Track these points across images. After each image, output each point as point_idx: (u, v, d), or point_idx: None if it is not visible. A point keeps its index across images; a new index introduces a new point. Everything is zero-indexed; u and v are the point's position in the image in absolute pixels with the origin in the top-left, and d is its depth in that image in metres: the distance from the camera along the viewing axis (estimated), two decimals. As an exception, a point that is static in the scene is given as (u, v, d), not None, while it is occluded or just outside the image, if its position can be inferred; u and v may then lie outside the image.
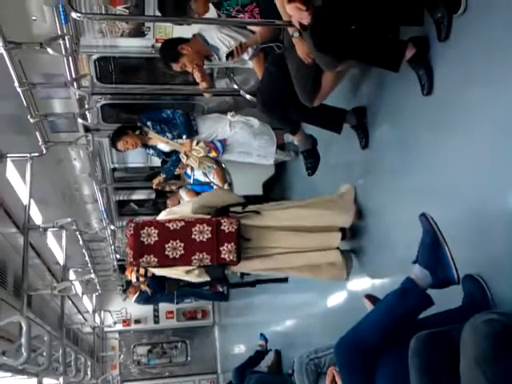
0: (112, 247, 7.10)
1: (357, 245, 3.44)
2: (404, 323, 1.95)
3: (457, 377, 1.42)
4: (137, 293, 8.57)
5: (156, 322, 11.57)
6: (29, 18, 3.23)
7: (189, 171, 5.31)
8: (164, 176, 5.03)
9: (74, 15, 2.67)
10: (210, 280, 3.43)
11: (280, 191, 5.31)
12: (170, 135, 4.50)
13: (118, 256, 7.55)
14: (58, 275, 6.11)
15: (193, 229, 3.09)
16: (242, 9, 3.34)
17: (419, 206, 2.24)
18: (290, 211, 3.34)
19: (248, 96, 4.27)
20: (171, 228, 3.09)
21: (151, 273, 6.73)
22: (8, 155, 4.22)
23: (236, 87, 4.40)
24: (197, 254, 3.07)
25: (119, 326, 11.45)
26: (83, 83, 3.84)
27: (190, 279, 3.38)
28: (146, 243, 3.08)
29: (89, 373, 6.77)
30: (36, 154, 4.30)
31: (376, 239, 3.21)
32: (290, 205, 3.46)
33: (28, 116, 3.77)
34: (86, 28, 3.90)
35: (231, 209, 3.27)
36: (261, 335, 5.70)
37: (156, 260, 3.09)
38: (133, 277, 7.32)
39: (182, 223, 3.11)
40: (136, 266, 4.27)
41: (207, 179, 5.19)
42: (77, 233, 5.78)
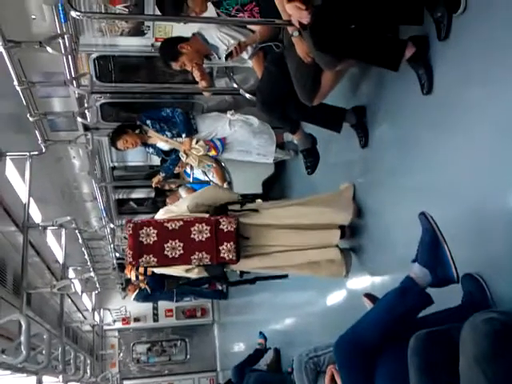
0: (111, 245, 7.10)
1: (356, 243, 3.44)
2: (403, 322, 1.95)
3: (456, 376, 1.42)
4: (136, 290, 8.58)
5: (155, 321, 11.56)
6: (28, 17, 3.24)
7: (188, 170, 5.31)
8: (163, 175, 5.02)
9: (74, 14, 2.66)
10: (210, 278, 3.43)
11: (279, 190, 5.31)
12: (170, 134, 4.50)
13: (118, 254, 7.55)
14: (58, 273, 6.11)
15: (192, 228, 3.08)
16: (242, 8, 3.33)
17: (419, 205, 2.24)
18: (290, 209, 3.34)
19: (247, 95, 4.27)
20: (170, 228, 3.09)
21: (151, 271, 6.74)
22: (7, 154, 4.22)
23: (235, 86, 4.40)
24: (196, 254, 3.07)
25: (118, 324, 11.44)
26: (83, 82, 3.84)
27: (191, 276, 3.39)
28: (145, 243, 3.08)
29: (88, 371, 6.78)
30: (35, 153, 4.30)
31: (376, 238, 3.21)
32: (289, 203, 3.46)
33: (27, 115, 3.77)
34: (86, 27, 3.89)
35: (229, 207, 3.27)
36: (260, 333, 5.71)
37: (155, 260, 3.09)
38: (132, 275, 7.30)
39: (181, 223, 3.10)
40: (135, 266, 4.28)
41: (207, 178, 5.20)
42: (76, 231, 5.78)
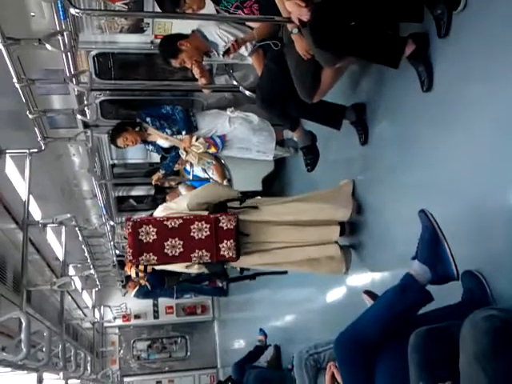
0: (111, 243, 7.10)
1: (356, 240, 3.45)
2: (403, 319, 1.95)
3: (456, 373, 1.42)
4: (136, 287, 8.59)
5: (156, 318, 11.57)
6: (27, 14, 3.23)
7: (188, 167, 5.31)
8: (163, 172, 5.02)
9: (73, 11, 2.65)
10: (210, 275, 3.44)
11: (279, 187, 5.31)
12: (170, 131, 4.50)
13: (118, 252, 7.56)
14: (58, 271, 6.12)
15: (191, 226, 3.08)
16: (241, 5, 3.32)
17: (419, 202, 2.24)
18: (289, 205, 3.34)
19: (247, 92, 4.26)
20: (169, 226, 3.08)
21: (151, 268, 6.75)
22: (7, 151, 4.23)
23: (235, 83, 4.39)
24: (196, 252, 3.07)
25: (119, 321, 11.46)
26: (82, 79, 3.83)
27: (191, 272, 3.39)
28: (145, 241, 3.07)
29: (88, 368, 6.78)
30: (35, 150, 4.31)
31: (375, 235, 3.22)
32: (289, 199, 3.47)
33: (27, 112, 3.77)
34: (85, 24, 3.88)
35: (229, 204, 3.27)
36: (260, 330, 5.72)
37: (155, 258, 3.09)
38: (132, 272, 7.31)
39: (181, 221, 3.10)
40: (136, 264, 4.28)
41: (206, 175, 5.19)
42: (76, 228, 5.79)
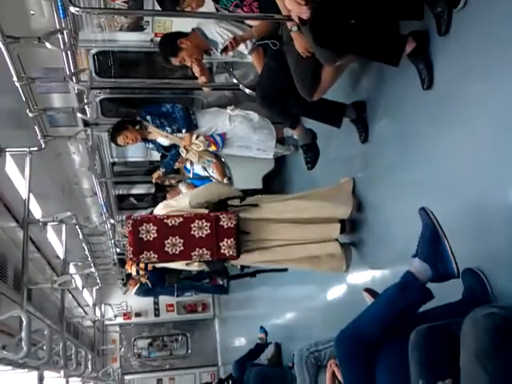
0: (112, 241, 7.10)
1: (357, 238, 3.45)
2: (404, 317, 1.95)
3: (457, 370, 1.42)
4: (137, 285, 8.60)
5: (156, 315, 11.59)
6: (27, 13, 3.23)
7: (188, 165, 5.31)
8: (163, 170, 5.02)
9: (73, 9, 2.64)
10: (210, 273, 3.44)
11: (280, 185, 5.31)
12: (170, 129, 4.49)
13: (118, 250, 7.56)
14: (58, 269, 6.12)
15: (192, 225, 3.08)
16: (241, 3, 3.32)
17: (419, 200, 2.24)
18: (290, 203, 3.34)
19: (247, 90, 4.26)
20: (170, 224, 3.08)
21: (151, 266, 6.75)
22: (7, 149, 4.23)
23: (235, 81, 4.39)
24: (196, 250, 3.07)
25: (120, 320, 11.47)
26: (82, 77, 3.82)
27: (191, 269, 3.39)
28: (146, 239, 3.08)
29: (89, 366, 6.80)
30: (35, 149, 4.31)
31: (376, 233, 3.22)
32: (289, 197, 3.47)
33: (27, 110, 3.77)
34: (85, 22, 3.87)
35: (229, 202, 3.27)
36: (261, 328, 5.72)
37: (156, 256, 3.10)
38: (133, 270, 7.32)
39: (181, 219, 3.10)
40: (136, 262, 4.29)
41: (207, 173, 5.19)
42: (76, 227, 5.79)
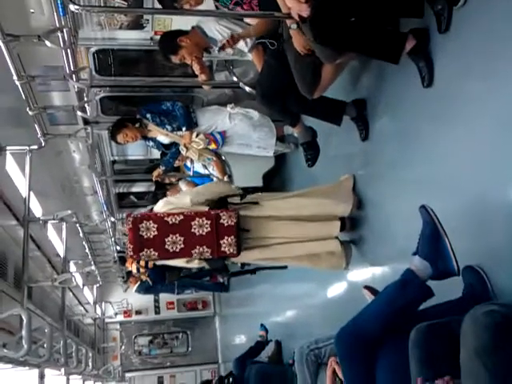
0: (112, 239, 7.11)
1: (357, 236, 3.45)
2: (404, 314, 1.95)
3: (457, 368, 1.42)
4: (137, 283, 8.60)
5: (157, 313, 11.60)
6: (27, 11, 3.23)
7: (188, 163, 5.31)
8: (163, 168, 5.01)
9: (73, 7, 2.64)
10: (211, 271, 3.45)
11: (280, 183, 5.31)
12: (170, 127, 4.49)
13: (118, 248, 7.56)
14: (59, 267, 6.13)
15: (192, 223, 3.09)
16: (241, 1, 3.31)
17: (419, 198, 2.24)
18: (290, 200, 3.34)
19: (247, 88, 4.26)
20: (170, 222, 3.08)
21: (152, 264, 6.75)
22: (7, 148, 4.22)
23: (235, 79, 4.39)
24: (197, 248, 3.08)
25: (120, 317, 11.46)
26: (82, 76, 3.82)
27: (191, 267, 3.40)
28: (146, 237, 3.08)
29: (90, 364, 6.78)
30: (35, 147, 4.30)
31: (376, 230, 3.22)
32: (290, 194, 3.47)
33: (27, 109, 3.76)
34: (85, 20, 3.87)
35: (229, 199, 3.27)
36: (261, 326, 5.72)
37: (156, 254, 3.10)
38: (133, 268, 7.32)
39: (181, 217, 3.10)
40: (136, 259, 4.29)
41: (207, 171, 5.19)
42: (77, 225, 5.78)
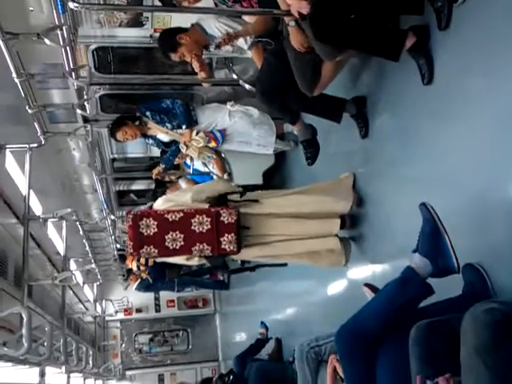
0: (112, 237, 7.11)
1: (357, 233, 3.45)
2: (404, 312, 1.96)
3: (457, 365, 1.43)
4: (138, 280, 8.61)
5: (157, 311, 11.60)
6: (26, 9, 3.23)
7: (188, 161, 5.30)
8: (163, 166, 5.01)
9: (72, 5, 2.64)
10: (211, 268, 3.45)
11: (280, 181, 5.31)
12: (170, 125, 4.49)
13: (119, 245, 7.56)
14: (59, 265, 6.14)
15: (192, 220, 3.08)
16: (241, -2, 3.31)
17: (419, 195, 2.24)
18: (290, 198, 3.34)
19: (247, 86, 4.26)
20: (170, 219, 3.08)
21: (152, 261, 6.76)
22: (7, 146, 4.23)
23: (235, 77, 4.38)
24: (197, 245, 3.08)
25: (120, 315, 11.47)
26: (81, 74, 3.82)
27: (191, 264, 3.40)
28: (146, 234, 3.08)
29: (90, 362, 6.79)
30: (35, 145, 4.30)
31: (376, 228, 3.22)
32: (289, 192, 3.46)
33: (26, 107, 3.76)
34: (84, 18, 3.87)
35: (229, 197, 3.27)
36: (261, 323, 5.73)
37: (156, 251, 3.10)
38: (133, 265, 7.34)
39: (181, 214, 3.10)
40: (136, 257, 4.30)
41: (207, 169, 5.19)
42: (77, 223, 5.79)
